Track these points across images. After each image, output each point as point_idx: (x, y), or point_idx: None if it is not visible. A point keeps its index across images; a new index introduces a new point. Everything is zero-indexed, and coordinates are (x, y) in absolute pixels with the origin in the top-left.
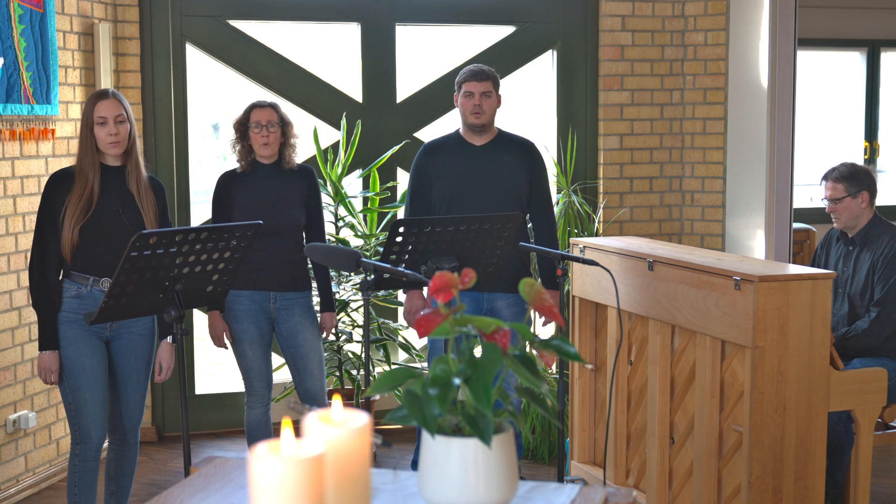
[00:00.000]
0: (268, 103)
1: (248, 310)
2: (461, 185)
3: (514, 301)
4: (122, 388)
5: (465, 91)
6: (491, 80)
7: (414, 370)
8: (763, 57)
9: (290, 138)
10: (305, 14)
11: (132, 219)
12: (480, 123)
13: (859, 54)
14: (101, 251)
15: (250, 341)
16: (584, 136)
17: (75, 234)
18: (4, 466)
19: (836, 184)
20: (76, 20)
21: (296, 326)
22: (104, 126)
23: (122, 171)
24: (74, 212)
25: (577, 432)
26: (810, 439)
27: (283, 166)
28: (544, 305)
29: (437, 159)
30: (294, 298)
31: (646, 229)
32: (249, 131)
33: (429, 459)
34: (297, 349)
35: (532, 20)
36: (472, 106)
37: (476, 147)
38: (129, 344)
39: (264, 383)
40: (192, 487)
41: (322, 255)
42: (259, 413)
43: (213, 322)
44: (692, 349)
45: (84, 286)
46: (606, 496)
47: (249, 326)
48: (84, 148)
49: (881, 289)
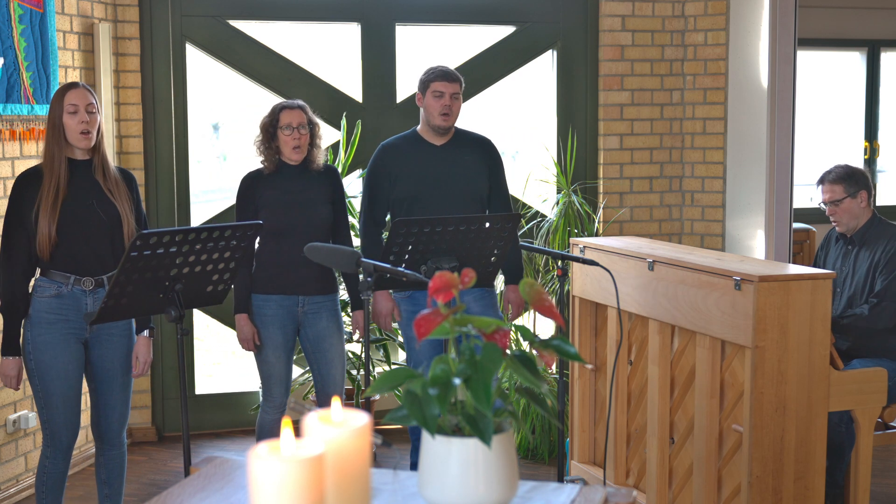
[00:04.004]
0: (297, 105)
1: (275, 315)
2: (424, 186)
3: (481, 295)
4: (107, 390)
5: (434, 90)
6: (459, 83)
7: (414, 370)
8: (763, 57)
9: (318, 139)
10: (305, 14)
11: (108, 212)
12: (448, 125)
13: (859, 54)
14: (80, 247)
15: (275, 347)
16: (584, 136)
17: (53, 232)
18: (4, 466)
19: (834, 185)
20: (76, 20)
21: (322, 331)
22: (75, 115)
23: (90, 165)
24: (47, 208)
25: (577, 432)
26: (810, 439)
27: (310, 167)
28: (544, 305)
29: (397, 160)
30: (322, 302)
31: (646, 229)
32: (279, 133)
33: (429, 459)
34: (323, 354)
35: (532, 20)
36: (441, 106)
37: (436, 147)
38: (109, 345)
39: (283, 390)
40: (192, 487)
41: (322, 256)
42: (273, 418)
43: (242, 325)
44: (692, 349)
45: (65, 285)
46: (606, 496)
47: (276, 332)
48: (52, 140)
49: (882, 281)
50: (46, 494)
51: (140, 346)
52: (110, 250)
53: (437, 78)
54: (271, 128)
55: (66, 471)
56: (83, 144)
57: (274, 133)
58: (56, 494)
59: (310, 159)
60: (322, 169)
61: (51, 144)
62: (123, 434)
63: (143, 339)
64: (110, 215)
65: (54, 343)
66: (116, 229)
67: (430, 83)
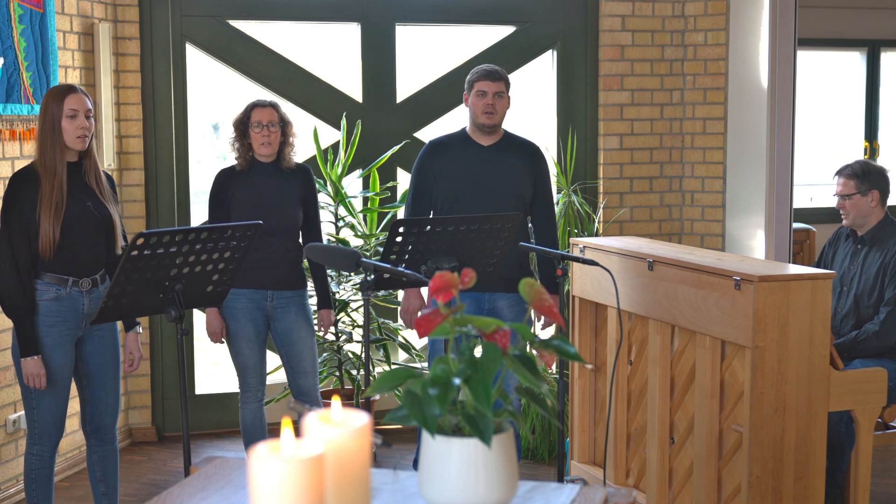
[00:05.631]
0: (268, 102)
1: (245, 308)
2: (467, 184)
3: (515, 301)
4: (99, 386)
5: (477, 90)
6: (504, 81)
7: (414, 370)
8: (763, 57)
9: (290, 137)
10: (305, 14)
11: (101, 213)
12: (492, 124)
13: (859, 54)
14: (81, 249)
15: (247, 339)
16: (584, 136)
17: (57, 234)
18: (4, 466)
19: (848, 180)
20: (76, 20)
21: (291, 324)
22: (74, 119)
23: (80, 167)
24: (50, 209)
25: (577, 432)
26: (810, 439)
27: (282, 165)
28: (544, 305)
29: (443, 158)
30: (290, 297)
31: (646, 229)
32: (250, 130)
33: (429, 459)
34: (292, 347)
35: (532, 20)
36: (484, 105)
37: (483, 147)
38: (101, 341)
39: (259, 379)
40: (192, 487)
41: (322, 255)
42: (253, 409)
43: (211, 319)
44: (692, 349)
45: (63, 288)
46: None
47: (246, 324)
48: (48, 144)
49: (892, 289)
50: (37, 492)
51: (131, 343)
52: (105, 251)
53: (480, 78)
54: (242, 125)
55: (53, 467)
56: (79, 147)
57: (245, 130)
58: (47, 492)
59: (281, 157)
60: (294, 168)
61: (48, 146)
62: (115, 429)
63: (134, 335)
64: (104, 216)
65: (52, 346)
66: (110, 230)
67: (474, 83)
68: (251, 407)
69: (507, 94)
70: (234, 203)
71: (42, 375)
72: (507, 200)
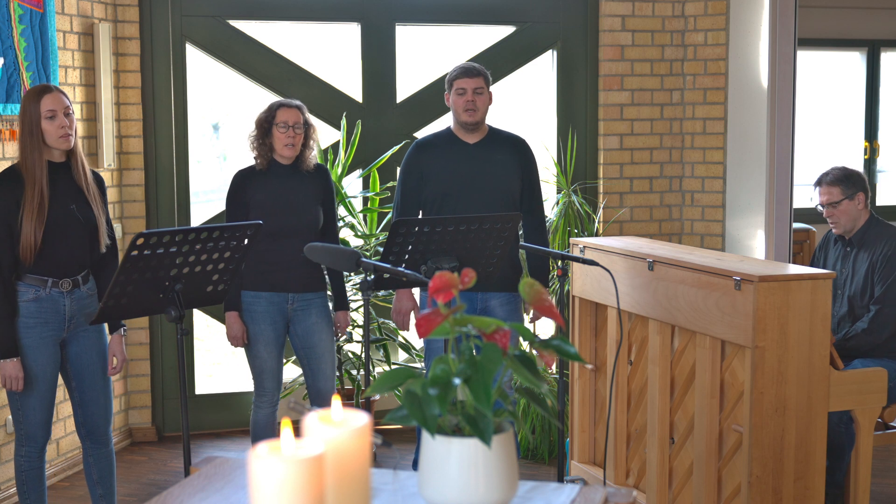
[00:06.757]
0: (294, 104)
1: (266, 311)
2: (455, 183)
3: (508, 300)
4: (89, 386)
5: (457, 88)
6: (482, 77)
7: (414, 370)
8: (763, 57)
9: (311, 140)
10: (305, 14)
11: (85, 215)
12: (474, 121)
13: (859, 54)
14: (61, 251)
15: (266, 343)
16: (584, 136)
17: (39, 238)
18: (4, 466)
19: (832, 187)
20: (76, 20)
21: (312, 327)
22: (53, 119)
23: (67, 167)
24: (32, 213)
25: (577, 432)
26: (810, 439)
27: (301, 167)
28: (544, 305)
29: (430, 157)
30: (311, 299)
31: (646, 229)
32: (274, 129)
33: (429, 459)
34: (313, 349)
35: (532, 20)
36: (464, 103)
37: (469, 145)
38: (85, 340)
39: (275, 384)
40: (192, 487)
41: (322, 255)
42: (267, 413)
43: (231, 323)
44: (692, 349)
45: (42, 289)
46: (606, 496)
47: (266, 328)
48: (30, 145)
49: (881, 287)
50: (29, 493)
51: (115, 344)
52: (88, 252)
53: (458, 76)
54: (266, 123)
55: (43, 467)
56: (64, 146)
57: (269, 129)
58: (39, 492)
59: (301, 160)
60: (313, 169)
61: (29, 149)
62: (110, 431)
63: (117, 337)
64: (87, 218)
65: (33, 347)
66: (94, 232)
67: (453, 82)
68: (265, 412)
69: (487, 90)
70: (252, 204)
71: (20, 378)
72: (496, 197)
